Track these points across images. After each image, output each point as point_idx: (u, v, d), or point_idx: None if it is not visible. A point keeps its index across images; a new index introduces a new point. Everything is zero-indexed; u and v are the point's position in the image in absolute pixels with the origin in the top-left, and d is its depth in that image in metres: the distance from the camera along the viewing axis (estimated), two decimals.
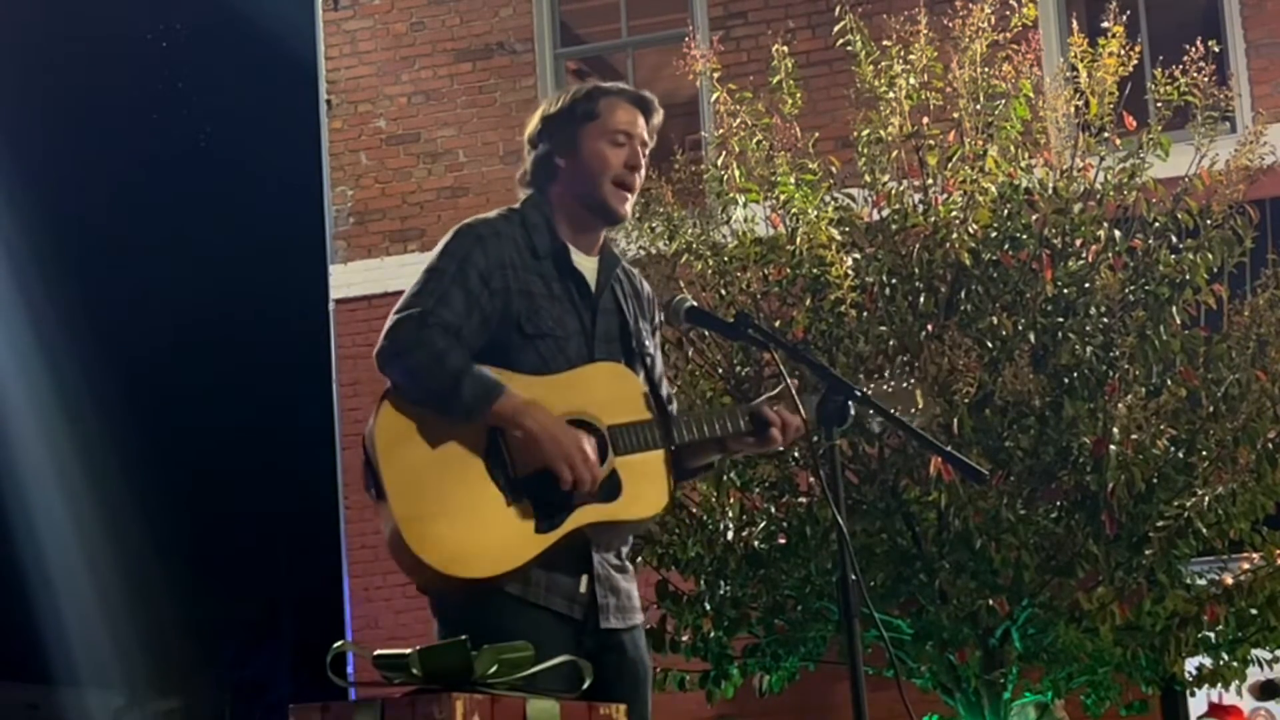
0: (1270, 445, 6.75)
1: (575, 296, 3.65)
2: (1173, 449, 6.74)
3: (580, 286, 3.67)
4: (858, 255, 7.15)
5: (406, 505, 3.40)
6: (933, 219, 7.09)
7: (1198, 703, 8.66)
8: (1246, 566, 6.95)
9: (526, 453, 3.44)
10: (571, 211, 3.69)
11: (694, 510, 7.18)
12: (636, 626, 3.64)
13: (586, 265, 3.70)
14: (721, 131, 7.56)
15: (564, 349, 3.58)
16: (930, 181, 7.23)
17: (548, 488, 3.44)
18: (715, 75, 7.72)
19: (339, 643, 3.22)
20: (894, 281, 7.07)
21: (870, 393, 3.76)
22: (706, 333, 7.00)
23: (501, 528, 3.41)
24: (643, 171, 3.74)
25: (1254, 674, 7.15)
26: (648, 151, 3.76)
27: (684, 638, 7.22)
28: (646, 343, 3.75)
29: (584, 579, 3.53)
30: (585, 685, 3.26)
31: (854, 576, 3.47)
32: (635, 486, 3.54)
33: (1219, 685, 7.05)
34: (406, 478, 3.41)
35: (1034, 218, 7.06)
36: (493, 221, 3.65)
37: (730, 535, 7.10)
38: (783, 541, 7.06)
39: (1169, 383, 6.83)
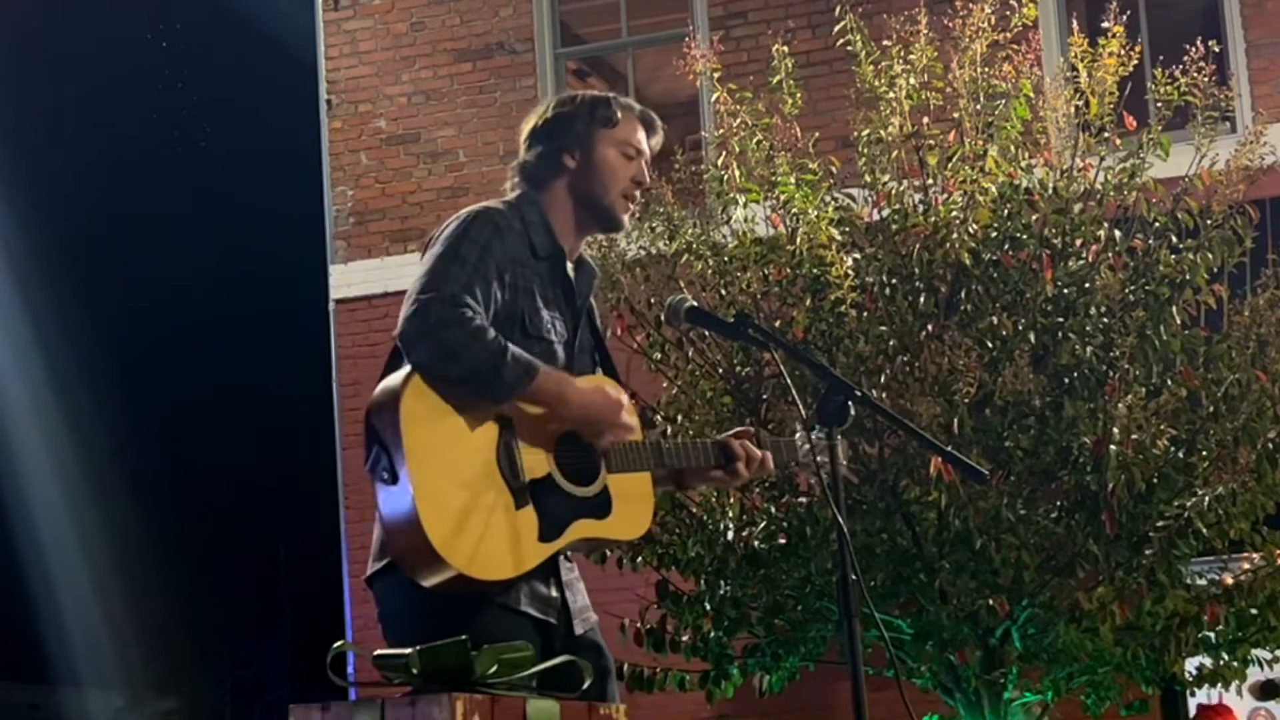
0: (1270, 445, 6.75)
1: (563, 303, 3.64)
2: (1173, 449, 6.74)
3: (567, 294, 3.65)
4: (858, 255, 7.15)
5: (429, 495, 3.27)
6: (933, 219, 7.09)
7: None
8: (1246, 566, 6.95)
9: (571, 425, 3.44)
10: (571, 213, 3.66)
11: (694, 510, 7.18)
12: (595, 626, 3.66)
13: (570, 273, 3.70)
14: (721, 131, 7.56)
15: (554, 355, 3.56)
16: (930, 181, 7.23)
17: (552, 496, 3.44)
18: (715, 75, 7.72)
19: (339, 643, 3.21)
20: (894, 281, 7.07)
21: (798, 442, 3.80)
22: (706, 333, 6.99)
23: (511, 532, 3.37)
24: (648, 183, 3.76)
25: (1254, 674, 7.15)
26: (649, 169, 3.77)
27: (684, 638, 7.22)
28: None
29: (553, 584, 3.52)
30: (585, 685, 3.27)
31: (854, 576, 3.46)
32: (623, 506, 3.55)
33: (1219, 685, 7.05)
34: (430, 466, 3.29)
35: (1034, 218, 7.06)
36: (504, 213, 3.58)
37: (730, 535, 7.10)
38: (783, 541, 7.05)
39: (1169, 383, 6.83)
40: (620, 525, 3.55)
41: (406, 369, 3.36)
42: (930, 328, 6.89)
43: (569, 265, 3.68)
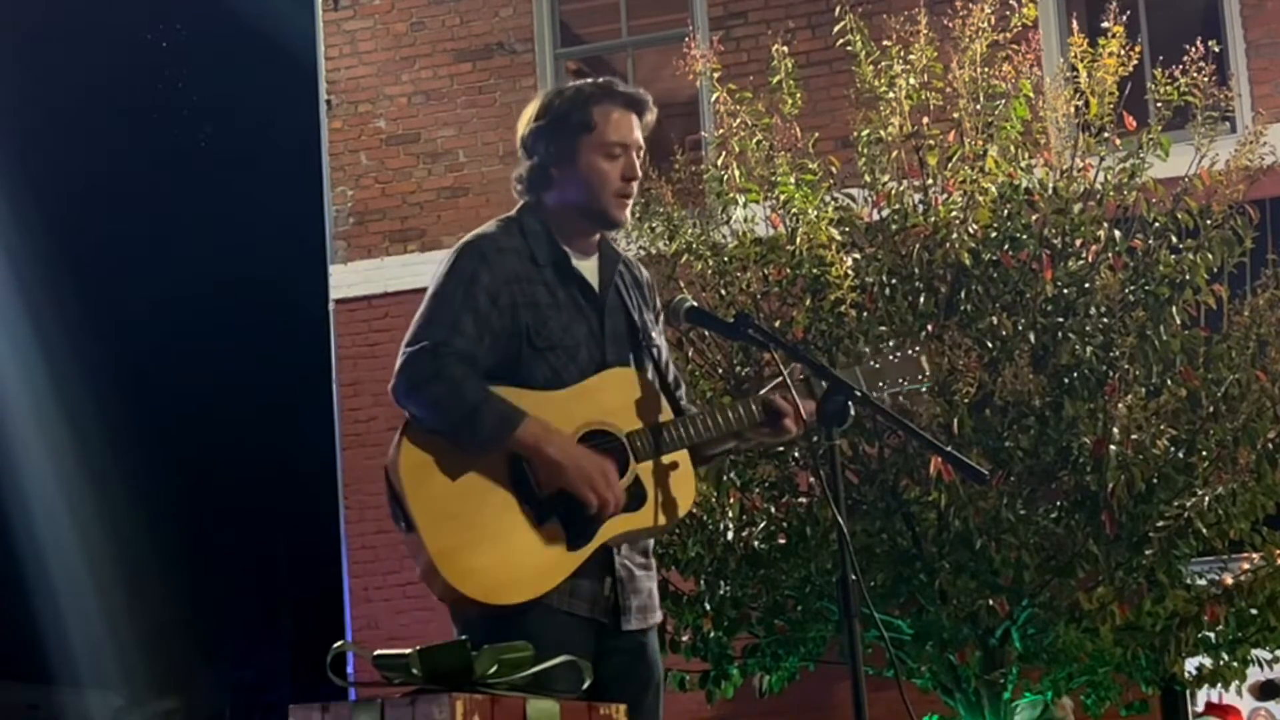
0: (1270, 445, 6.75)
1: (580, 301, 3.63)
2: (1173, 449, 6.74)
3: (584, 290, 3.64)
4: (858, 255, 7.15)
5: (439, 538, 3.38)
6: (933, 219, 7.09)
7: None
8: (1246, 566, 6.95)
9: (549, 479, 3.44)
10: (569, 219, 3.66)
11: (694, 510, 7.17)
12: (654, 627, 3.65)
13: (587, 266, 3.67)
14: (721, 131, 7.56)
15: (575, 357, 3.56)
16: (930, 181, 7.23)
17: (575, 505, 3.44)
18: (715, 75, 7.72)
19: (339, 643, 3.22)
20: (894, 281, 7.07)
21: (876, 365, 3.80)
22: (706, 333, 6.99)
23: (534, 551, 3.41)
24: (639, 175, 3.71)
25: (1254, 674, 7.16)
26: (643, 152, 3.73)
27: (684, 638, 7.22)
28: (653, 334, 3.73)
29: (607, 582, 3.53)
30: (585, 685, 3.26)
31: (854, 576, 3.46)
32: (658, 493, 3.54)
33: (1219, 685, 7.05)
34: (436, 510, 3.39)
35: (1034, 218, 7.07)
36: (494, 236, 3.61)
37: (730, 535, 7.10)
38: (783, 541, 7.06)
39: (1169, 383, 6.82)
40: (658, 513, 3.55)
41: (405, 419, 3.48)
42: (930, 328, 6.89)
43: (586, 261, 3.67)
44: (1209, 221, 7.01)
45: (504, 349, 3.50)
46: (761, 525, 7.12)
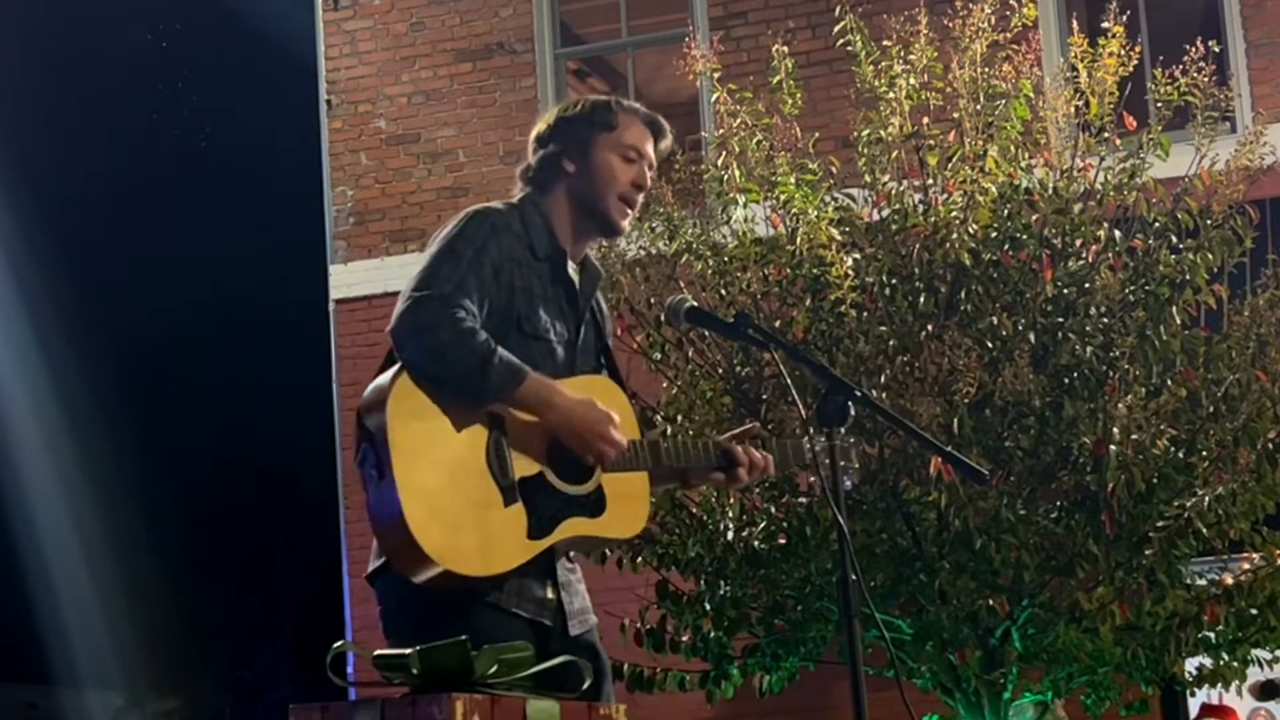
0: (1270, 445, 6.75)
1: (564, 303, 3.65)
2: (1173, 449, 6.74)
3: (570, 294, 3.67)
4: (858, 255, 7.15)
5: (415, 491, 3.31)
6: (933, 219, 7.09)
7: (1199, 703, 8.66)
8: (1246, 566, 6.95)
9: (552, 431, 3.43)
10: (570, 217, 3.68)
11: (694, 510, 7.18)
12: (594, 627, 3.66)
13: (573, 275, 3.71)
14: (721, 131, 7.55)
15: (553, 353, 3.59)
16: (930, 181, 7.23)
17: (543, 494, 3.45)
18: (715, 75, 7.72)
19: (339, 643, 3.22)
20: (894, 281, 7.07)
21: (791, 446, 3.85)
22: (706, 333, 6.99)
23: (498, 528, 3.38)
24: (648, 187, 3.76)
25: (1254, 674, 7.15)
26: (653, 171, 3.77)
27: (684, 638, 7.22)
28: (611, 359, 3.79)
29: (549, 585, 3.53)
30: (585, 685, 3.27)
31: (854, 576, 3.46)
32: (617, 505, 3.55)
33: (1219, 685, 7.05)
34: (416, 462, 3.33)
35: (1034, 218, 7.06)
36: (503, 213, 3.62)
37: (730, 535, 7.10)
38: (783, 541, 7.06)
39: (1169, 383, 6.83)
40: (614, 524, 3.55)
41: (396, 367, 3.41)
42: (930, 328, 6.89)
43: (572, 267, 3.70)
44: (1209, 221, 7.01)
45: (495, 326, 3.49)
46: (761, 525, 7.12)
